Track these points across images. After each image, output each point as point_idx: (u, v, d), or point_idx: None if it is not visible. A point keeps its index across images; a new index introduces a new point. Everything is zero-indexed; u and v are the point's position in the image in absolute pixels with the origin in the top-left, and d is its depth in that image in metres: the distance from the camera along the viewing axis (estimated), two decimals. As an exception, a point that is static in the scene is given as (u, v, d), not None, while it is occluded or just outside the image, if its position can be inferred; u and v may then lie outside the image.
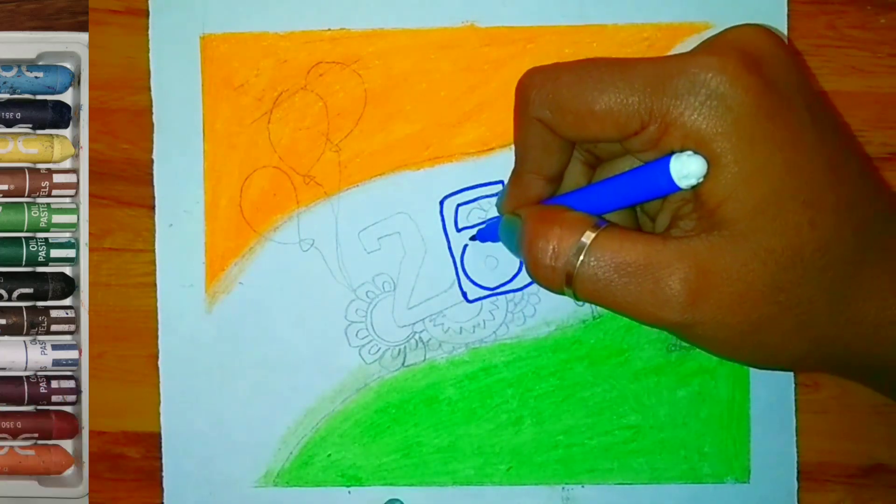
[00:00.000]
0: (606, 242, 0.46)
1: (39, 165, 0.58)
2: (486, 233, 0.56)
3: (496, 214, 0.56)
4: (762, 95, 0.44)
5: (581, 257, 0.46)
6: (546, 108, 0.47)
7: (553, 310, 0.56)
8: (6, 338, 0.58)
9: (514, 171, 0.50)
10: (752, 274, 0.44)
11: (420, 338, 0.57)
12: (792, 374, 0.56)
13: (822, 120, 0.45)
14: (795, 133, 0.44)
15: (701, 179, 0.44)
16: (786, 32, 0.56)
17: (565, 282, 0.46)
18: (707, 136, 0.44)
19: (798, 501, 0.56)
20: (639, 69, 0.45)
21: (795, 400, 0.56)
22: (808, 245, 0.44)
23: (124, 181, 0.57)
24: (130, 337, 0.57)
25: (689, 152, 0.44)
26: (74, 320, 0.58)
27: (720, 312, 0.44)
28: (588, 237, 0.46)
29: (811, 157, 0.44)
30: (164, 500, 0.57)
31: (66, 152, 0.58)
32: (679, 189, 0.44)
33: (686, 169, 0.44)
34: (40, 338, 0.58)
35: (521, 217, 0.49)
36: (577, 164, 0.50)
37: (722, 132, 0.43)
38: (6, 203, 0.58)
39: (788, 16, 0.56)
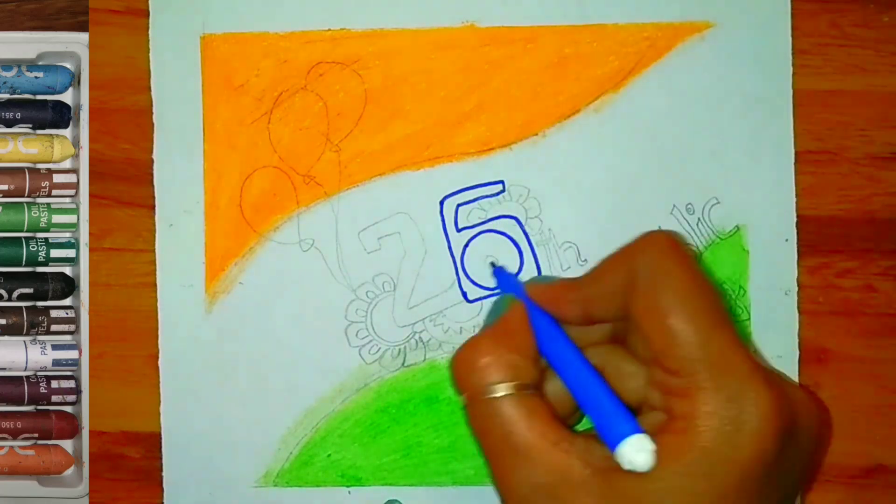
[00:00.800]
0: (515, 406, 0.46)
1: (39, 165, 0.58)
2: (501, 276, 0.56)
3: (495, 214, 0.56)
4: (765, 465, 0.43)
5: (489, 395, 0.46)
6: (647, 272, 0.46)
7: (553, 310, 0.56)
8: (6, 338, 0.58)
9: (574, 280, 0.50)
10: None
11: (420, 338, 0.57)
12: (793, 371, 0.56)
13: None
14: None
15: (630, 469, 0.43)
16: (789, 31, 0.56)
17: (465, 395, 0.47)
18: (693, 437, 0.43)
19: (799, 501, 0.56)
20: (726, 339, 0.44)
21: (796, 400, 0.56)
22: None
23: (124, 181, 0.57)
24: (130, 337, 0.57)
25: (649, 449, 0.43)
26: (74, 320, 0.58)
27: None
28: (508, 388, 0.46)
29: None
30: (164, 500, 0.57)
31: (66, 152, 0.58)
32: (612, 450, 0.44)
33: (631, 456, 0.43)
34: (40, 338, 0.58)
35: (503, 312, 0.49)
36: (611, 324, 0.50)
37: (703, 451, 0.43)
38: (6, 203, 0.58)
39: (792, 15, 0.56)
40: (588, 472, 0.44)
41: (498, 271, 0.56)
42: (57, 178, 0.58)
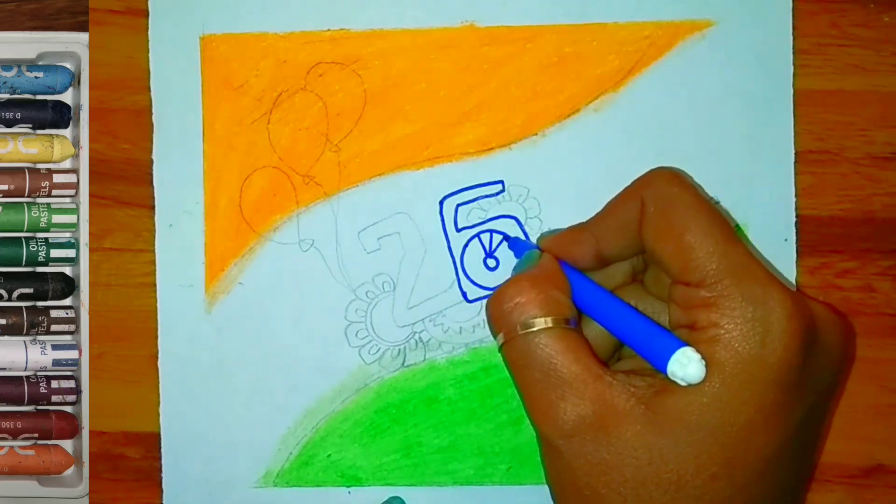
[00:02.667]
0: (557, 339, 0.47)
1: (39, 165, 0.58)
2: (516, 244, 0.56)
3: (495, 214, 0.56)
4: (794, 367, 0.44)
5: (529, 329, 0.47)
6: (655, 199, 0.48)
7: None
8: (6, 338, 0.58)
9: (582, 222, 0.52)
10: (633, 462, 0.45)
11: (420, 338, 0.57)
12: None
13: (806, 430, 0.46)
14: (776, 419, 0.45)
15: (685, 384, 0.44)
16: (790, 31, 0.56)
17: (503, 332, 0.48)
18: (727, 345, 0.44)
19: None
20: (742, 249, 0.46)
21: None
22: (693, 490, 0.45)
23: (124, 181, 0.57)
24: (130, 337, 0.57)
25: (697, 358, 0.44)
26: (74, 320, 0.58)
27: (581, 462, 0.46)
28: (548, 322, 0.47)
29: (768, 445, 0.45)
30: (164, 500, 0.57)
31: (66, 152, 0.58)
32: (664, 372, 0.45)
33: (683, 371, 0.44)
34: (40, 338, 0.58)
35: (536, 262, 0.51)
36: (628, 263, 0.51)
37: (739, 357, 0.44)
38: (6, 203, 0.58)
39: (793, 14, 0.56)
40: (633, 402, 0.45)
41: (513, 242, 0.56)
42: (57, 178, 0.58)
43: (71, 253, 0.58)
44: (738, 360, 0.44)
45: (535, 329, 0.47)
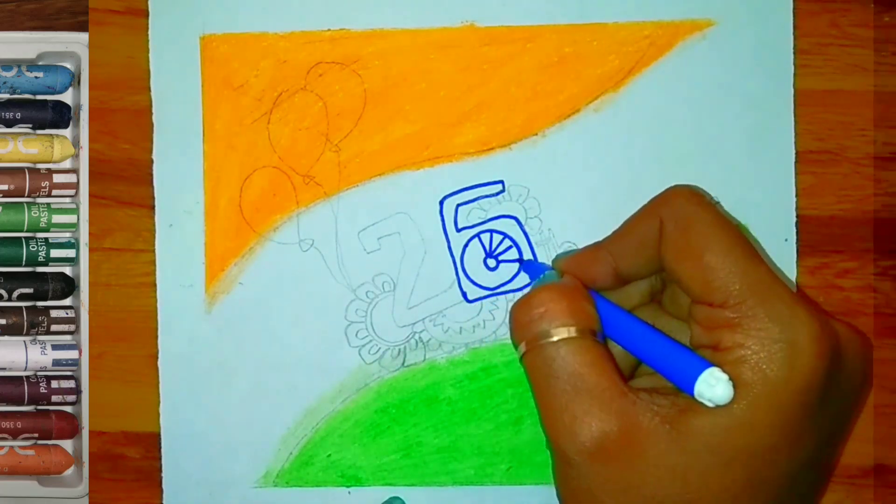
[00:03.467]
0: (585, 350, 0.46)
1: (39, 165, 0.58)
2: (529, 266, 0.56)
3: (495, 214, 0.56)
4: (818, 389, 0.44)
5: (556, 338, 0.46)
6: (674, 218, 0.47)
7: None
8: (6, 338, 0.58)
9: (599, 241, 0.51)
10: (654, 482, 0.44)
11: (420, 338, 0.57)
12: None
13: (826, 451, 0.46)
14: (800, 441, 0.44)
15: (713, 405, 0.44)
16: (791, 30, 0.56)
17: (527, 340, 0.47)
18: (754, 367, 0.44)
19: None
20: (765, 268, 0.45)
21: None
22: None
23: (124, 181, 0.57)
24: (130, 337, 0.57)
25: (725, 379, 0.43)
26: (74, 320, 0.58)
27: (602, 482, 0.45)
28: (574, 332, 0.46)
29: (791, 465, 0.44)
30: (164, 500, 0.57)
31: (66, 152, 0.58)
32: (692, 394, 0.44)
33: (711, 392, 0.43)
34: (40, 338, 0.58)
35: (554, 277, 0.50)
36: (646, 282, 0.51)
37: (766, 379, 0.43)
38: (6, 203, 0.58)
39: (794, 14, 0.56)
40: (657, 421, 0.44)
41: (527, 264, 0.56)
42: (57, 178, 0.58)
43: (71, 253, 0.58)
44: (765, 383, 0.43)
45: (562, 338, 0.46)
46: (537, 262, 0.56)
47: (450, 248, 0.57)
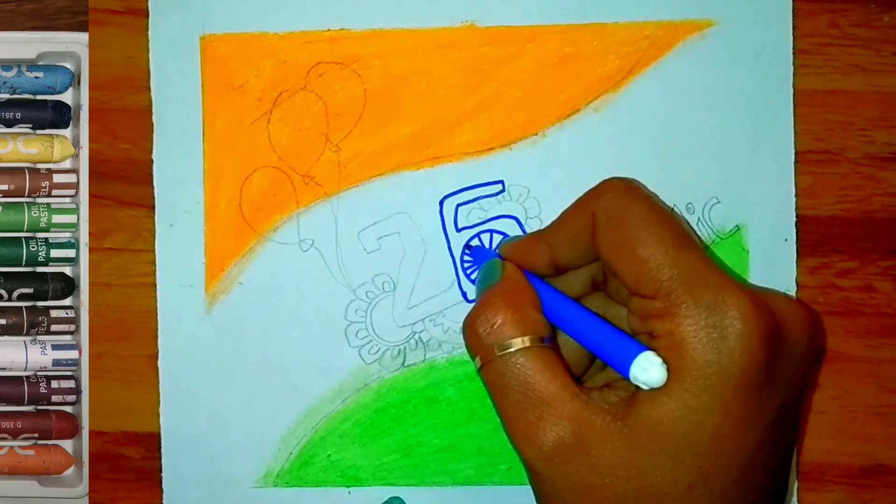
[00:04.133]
0: (534, 358, 0.47)
1: (39, 165, 0.58)
2: (478, 252, 0.56)
3: (495, 214, 0.56)
4: (756, 369, 0.44)
5: (506, 350, 0.47)
6: (606, 212, 0.47)
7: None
8: (6, 338, 0.58)
9: (538, 231, 0.52)
10: (612, 481, 0.45)
11: (420, 338, 0.57)
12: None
13: (780, 429, 0.46)
14: (746, 422, 0.45)
15: (648, 388, 0.44)
16: (790, 30, 0.56)
17: (481, 355, 0.48)
18: (684, 353, 0.44)
19: (798, 501, 0.56)
20: (695, 257, 0.46)
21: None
22: (673, 501, 0.45)
23: (124, 181, 0.57)
24: (130, 337, 0.57)
25: (658, 362, 0.44)
26: (74, 320, 0.58)
27: (563, 484, 0.45)
28: (525, 342, 0.47)
29: (742, 448, 0.45)
30: (164, 501, 0.57)
31: (66, 152, 0.58)
32: (627, 377, 0.45)
33: (645, 375, 0.44)
34: (40, 338, 0.58)
35: (500, 273, 0.50)
36: (586, 271, 0.51)
37: (697, 364, 0.44)
38: (6, 203, 0.58)
39: (794, 14, 0.56)
40: (609, 418, 0.45)
41: (475, 250, 0.56)
42: (57, 178, 0.58)
43: (71, 253, 0.58)
44: (696, 367, 0.44)
45: (512, 350, 0.47)
46: (484, 248, 0.56)
47: (450, 248, 0.57)
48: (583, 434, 0.45)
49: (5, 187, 0.58)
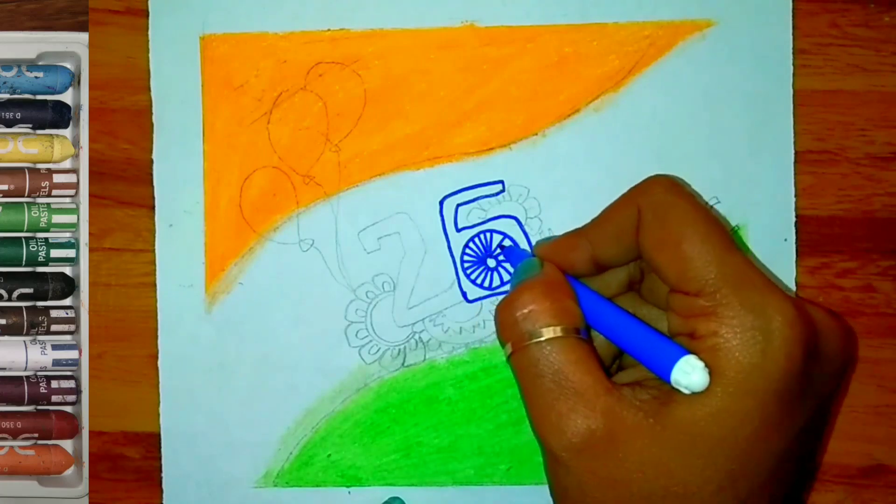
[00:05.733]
0: (569, 349, 0.46)
1: (39, 165, 0.58)
2: (510, 252, 0.56)
3: (495, 214, 0.56)
4: (796, 376, 0.44)
5: (541, 338, 0.46)
6: (652, 208, 0.47)
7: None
8: (6, 338, 0.58)
9: (578, 228, 0.51)
10: (640, 477, 0.44)
11: (420, 338, 0.57)
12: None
13: (807, 437, 0.46)
14: (779, 429, 0.44)
15: (689, 392, 0.44)
16: (790, 31, 0.56)
17: (513, 341, 0.47)
18: (728, 354, 0.44)
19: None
20: (740, 257, 0.45)
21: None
22: (699, 502, 0.44)
23: (124, 181, 0.57)
24: (130, 337, 0.57)
25: (701, 366, 0.44)
26: (74, 320, 0.58)
27: (590, 478, 0.45)
28: (558, 332, 0.46)
29: (771, 454, 0.45)
30: (164, 501, 0.57)
31: (66, 152, 0.58)
32: (668, 381, 0.45)
33: (687, 379, 0.44)
34: (40, 338, 0.58)
35: (539, 267, 0.50)
36: (624, 270, 0.51)
37: (741, 366, 0.44)
38: (6, 203, 0.58)
39: (793, 14, 0.56)
40: (641, 415, 0.45)
41: (509, 250, 0.56)
42: (57, 178, 0.58)
43: (71, 253, 0.58)
44: (739, 370, 0.43)
45: (547, 338, 0.46)
46: (519, 248, 0.56)
47: (450, 248, 0.57)
48: (614, 428, 0.45)
49: (5, 187, 0.58)
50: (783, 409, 0.44)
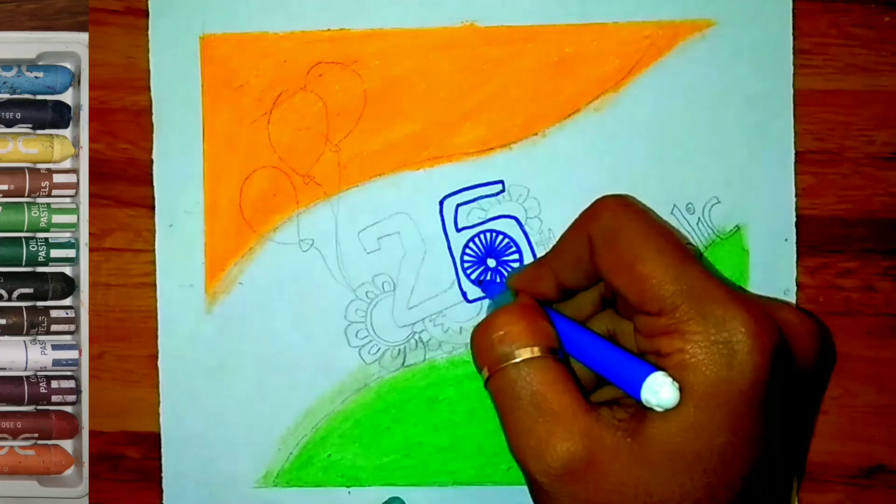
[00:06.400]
0: (546, 369, 0.46)
1: (39, 165, 0.58)
2: (488, 286, 0.56)
3: (495, 214, 0.56)
4: (765, 384, 0.44)
5: (517, 359, 0.46)
6: (602, 232, 0.47)
7: (553, 310, 0.57)
8: (6, 338, 0.58)
9: (541, 258, 0.52)
10: (620, 499, 0.44)
11: (420, 338, 0.57)
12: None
13: (786, 441, 0.46)
14: (754, 437, 0.44)
15: (662, 409, 0.44)
16: (790, 30, 0.56)
17: (489, 364, 0.47)
18: (694, 370, 0.44)
19: (798, 501, 0.56)
20: (697, 271, 0.45)
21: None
22: None
23: (124, 181, 0.57)
24: (130, 337, 0.57)
25: (668, 382, 0.44)
26: (74, 320, 0.58)
27: (570, 502, 0.45)
28: (535, 352, 0.46)
29: (749, 463, 0.44)
30: (164, 501, 0.57)
31: (66, 152, 0.58)
32: (639, 399, 0.44)
33: (657, 397, 0.44)
34: (40, 338, 0.58)
35: (513, 297, 0.51)
36: (595, 290, 0.51)
37: (708, 381, 0.43)
38: (6, 203, 0.58)
39: (793, 14, 0.56)
40: (619, 435, 0.45)
41: (486, 284, 0.56)
42: (57, 178, 0.58)
43: (71, 253, 0.58)
44: (708, 384, 0.43)
45: (523, 359, 0.46)
46: (493, 281, 0.56)
47: (450, 248, 0.57)
48: (594, 450, 0.44)
49: (5, 187, 0.58)
50: (756, 417, 0.44)
